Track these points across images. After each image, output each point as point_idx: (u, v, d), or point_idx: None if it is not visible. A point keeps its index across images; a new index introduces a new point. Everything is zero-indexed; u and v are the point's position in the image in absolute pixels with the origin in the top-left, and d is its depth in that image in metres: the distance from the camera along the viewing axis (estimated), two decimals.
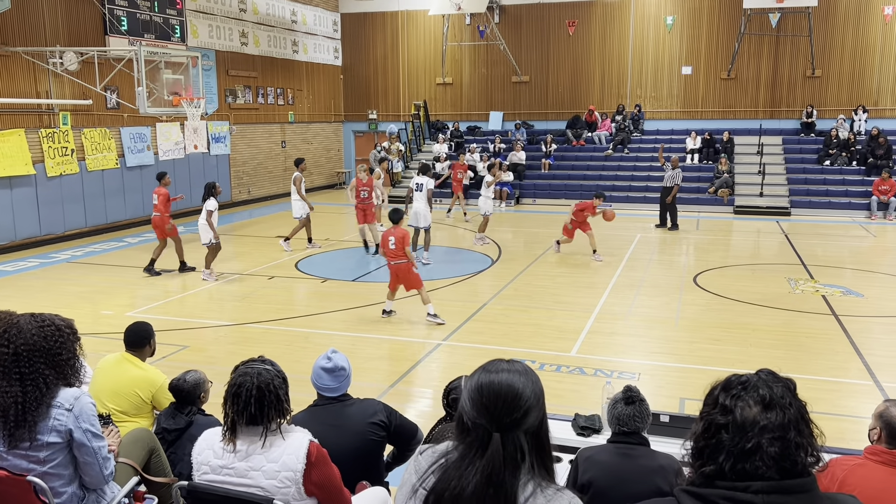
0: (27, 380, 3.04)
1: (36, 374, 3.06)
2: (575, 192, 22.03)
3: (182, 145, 19.29)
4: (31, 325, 3.11)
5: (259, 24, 22.53)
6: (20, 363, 3.04)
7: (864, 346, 8.43)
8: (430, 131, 26.21)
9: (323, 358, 3.70)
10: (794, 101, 23.34)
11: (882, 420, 3.13)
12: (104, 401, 4.43)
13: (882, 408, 3.19)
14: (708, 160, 22.25)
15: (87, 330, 8.62)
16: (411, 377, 7.59)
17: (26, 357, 3.05)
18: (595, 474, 3.20)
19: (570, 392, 7.06)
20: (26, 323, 3.12)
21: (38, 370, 3.07)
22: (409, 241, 9.35)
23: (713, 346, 8.48)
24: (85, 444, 3.13)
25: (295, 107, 24.78)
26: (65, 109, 15.78)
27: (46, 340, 3.10)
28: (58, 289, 11.46)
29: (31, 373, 3.05)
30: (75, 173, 15.98)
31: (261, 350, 3.45)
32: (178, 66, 16.36)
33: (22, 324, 3.11)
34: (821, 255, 14.11)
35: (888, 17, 22.12)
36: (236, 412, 2.90)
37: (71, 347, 3.21)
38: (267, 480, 2.88)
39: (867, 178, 20.23)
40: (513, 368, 1.77)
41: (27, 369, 3.05)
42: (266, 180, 23.49)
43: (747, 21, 22.40)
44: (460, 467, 1.69)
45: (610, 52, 24.69)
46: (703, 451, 1.56)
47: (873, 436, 3.19)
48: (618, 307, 10.23)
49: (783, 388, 1.57)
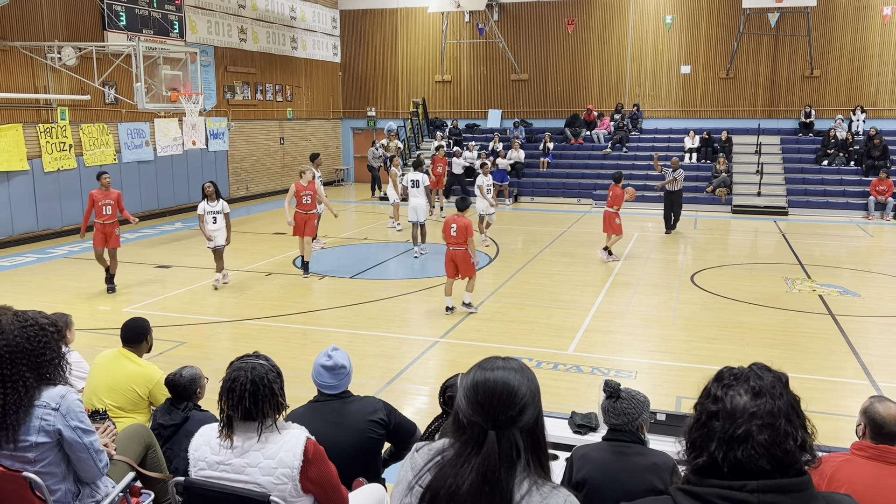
0: (7, 382, 2.98)
1: (17, 376, 2.99)
2: (573, 190, 22.05)
3: (180, 141, 19.26)
4: (14, 325, 3.04)
5: (258, 20, 22.49)
6: (1, 365, 2.98)
7: (860, 345, 8.45)
8: (428, 129, 26.20)
9: (324, 356, 3.70)
10: (793, 101, 23.35)
11: (866, 416, 3.24)
12: (101, 396, 4.42)
13: (867, 403, 3.29)
14: (706, 159, 22.27)
15: (84, 326, 8.63)
16: (408, 374, 7.59)
17: (8, 359, 2.99)
18: (589, 472, 3.21)
19: (566, 390, 7.07)
20: (9, 323, 3.04)
21: (19, 372, 3.00)
22: (472, 231, 9.56)
23: (710, 345, 8.49)
24: (76, 441, 3.11)
25: (293, 103, 24.75)
26: (63, 104, 15.75)
27: (29, 341, 3.04)
28: (55, 284, 11.45)
29: (12, 375, 2.99)
30: (73, 168, 15.95)
31: (258, 347, 3.45)
32: (177, 61, 16.33)
33: (4, 324, 3.03)
34: (818, 255, 14.13)
35: (887, 17, 22.13)
36: (231, 407, 2.89)
37: (55, 347, 3.15)
38: (263, 477, 2.88)
39: (865, 178, 20.26)
40: (508, 366, 1.77)
41: (8, 371, 2.98)
42: (264, 177, 23.47)
43: (746, 20, 22.40)
44: (456, 465, 1.69)
45: (609, 50, 24.69)
46: (696, 443, 1.58)
47: (859, 431, 3.30)
48: (615, 306, 10.24)
49: (774, 379, 1.59)
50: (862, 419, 3.28)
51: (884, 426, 3.17)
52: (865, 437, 3.23)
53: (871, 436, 3.20)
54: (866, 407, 3.28)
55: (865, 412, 3.26)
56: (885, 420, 3.17)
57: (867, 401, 3.32)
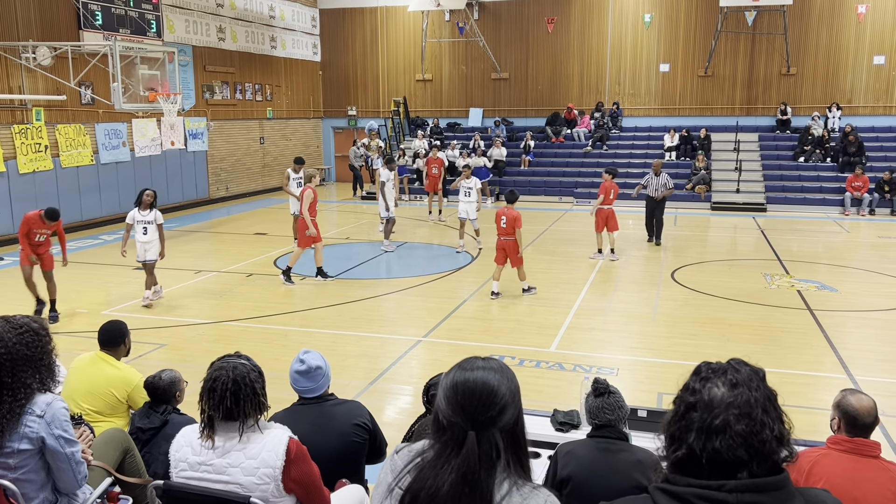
0: (6, 390, 2.93)
1: (18, 384, 2.95)
2: (554, 188, 22.12)
3: (159, 142, 19.09)
4: (10, 332, 2.98)
5: (237, 19, 22.33)
6: (2, 372, 2.93)
7: (837, 340, 8.56)
8: (409, 128, 26.16)
9: (296, 361, 3.66)
10: (770, 98, 23.60)
11: (839, 410, 3.28)
12: (78, 401, 4.36)
13: (839, 397, 3.33)
14: (685, 157, 22.44)
15: (61, 329, 8.52)
16: (391, 374, 7.57)
17: (9, 367, 2.94)
18: (574, 469, 3.22)
19: (549, 388, 7.09)
20: (5, 331, 2.98)
21: (21, 380, 2.96)
22: (520, 223, 10.29)
23: (691, 341, 8.56)
24: (58, 450, 3.06)
25: (273, 103, 24.60)
26: (38, 105, 15.53)
27: (28, 348, 2.99)
28: None
29: (13, 383, 2.94)
30: (49, 170, 15.74)
31: (239, 348, 3.41)
32: (155, 61, 16.16)
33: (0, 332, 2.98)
34: (796, 251, 14.28)
35: (861, 15, 22.42)
36: (212, 407, 2.87)
37: (49, 351, 3.13)
38: (245, 477, 2.86)
39: (841, 174, 20.53)
40: (488, 366, 1.76)
41: (9, 379, 2.94)
42: (244, 177, 23.31)
43: (724, 19, 22.60)
44: (436, 466, 1.68)
45: (589, 49, 24.79)
46: (675, 435, 1.59)
47: (834, 425, 3.34)
48: (597, 303, 10.29)
49: (751, 373, 1.61)
50: (835, 413, 3.31)
51: (857, 418, 3.20)
52: (840, 430, 3.26)
53: (846, 429, 3.23)
54: (839, 401, 3.31)
55: (838, 406, 3.30)
56: (858, 412, 3.21)
57: (839, 394, 3.35)
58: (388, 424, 6.20)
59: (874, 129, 22.25)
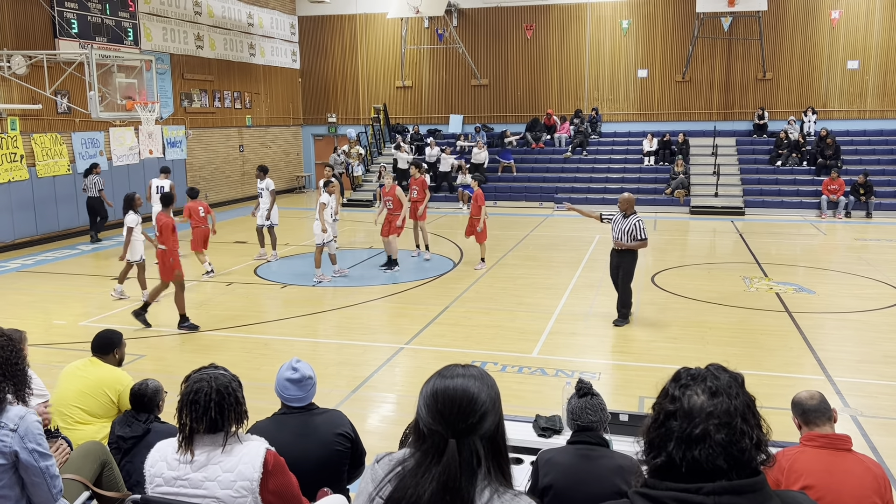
0: None
1: None
2: (535, 194, 22.20)
3: (137, 150, 18.92)
4: None
5: (214, 26, 22.22)
6: None
7: (816, 341, 8.65)
8: (389, 135, 26.14)
9: (288, 369, 3.63)
10: (747, 103, 23.87)
11: (794, 408, 3.48)
12: (71, 402, 4.42)
13: (794, 398, 3.53)
14: (664, 162, 22.62)
15: (39, 340, 8.38)
16: (373, 382, 7.54)
17: None
18: (555, 477, 3.20)
19: (531, 393, 7.09)
20: None
21: None
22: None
23: (671, 345, 8.60)
24: (32, 464, 3.00)
25: (252, 110, 24.49)
26: (13, 114, 15.34)
27: (3, 350, 2.96)
28: (8, 299, 11.12)
29: None
30: (25, 180, 15.54)
31: (219, 357, 3.38)
32: (132, 69, 16.03)
33: None
34: (774, 254, 14.43)
35: (835, 21, 22.76)
36: (195, 419, 2.83)
37: (23, 357, 3.09)
38: (222, 490, 2.82)
39: (817, 177, 20.79)
40: (468, 373, 1.75)
41: None
42: (224, 185, 23.16)
43: (700, 25, 22.84)
44: (416, 475, 1.67)
45: (567, 55, 24.95)
46: (654, 442, 1.59)
47: (796, 425, 3.51)
48: (578, 308, 10.32)
49: (730, 379, 1.61)
50: (793, 413, 3.50)
51: (803, 406, 3.41)
52: (802, 428, 3.44)
53: (802, 421, 3.42)
54: (792, 401, 3.52)
55: (793, 405, 3.50)
56: (802, 401, 3.43)
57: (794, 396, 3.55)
58: (372, 432, 6.17)
59: (849, 132, 22.59)
